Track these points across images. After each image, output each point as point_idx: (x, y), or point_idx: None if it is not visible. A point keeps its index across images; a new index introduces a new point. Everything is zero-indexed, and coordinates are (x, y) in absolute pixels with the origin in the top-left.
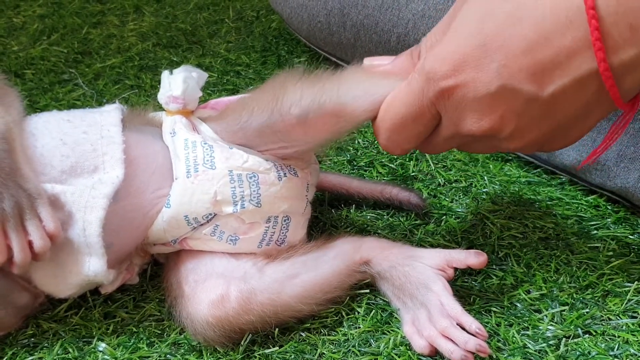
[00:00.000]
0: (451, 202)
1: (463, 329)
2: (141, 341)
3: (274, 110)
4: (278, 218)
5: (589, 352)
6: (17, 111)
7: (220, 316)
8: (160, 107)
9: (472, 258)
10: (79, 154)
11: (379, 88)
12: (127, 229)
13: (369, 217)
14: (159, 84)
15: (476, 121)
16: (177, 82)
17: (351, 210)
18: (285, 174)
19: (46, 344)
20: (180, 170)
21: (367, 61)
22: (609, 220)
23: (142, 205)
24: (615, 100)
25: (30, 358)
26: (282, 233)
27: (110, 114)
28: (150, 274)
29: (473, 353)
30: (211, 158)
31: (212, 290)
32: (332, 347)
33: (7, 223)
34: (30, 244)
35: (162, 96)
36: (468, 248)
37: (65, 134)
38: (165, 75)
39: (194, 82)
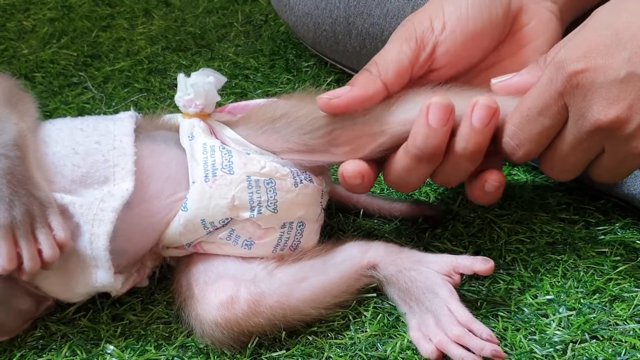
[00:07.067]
0: (458, 206)
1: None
2: (149, 344)
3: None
4: (293, 224)
5: (596, 357)
6: (32, 118)
7: (230, 318)
8: (172, 109)
9: (478, 264)
10: (90, 164)
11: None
12: (142, 235)
13: (376, 221)
14: (168, 87)
15: (603, 109)
16: (197, 87)
17: (359, 215)
18: (301, 180)
19: (54, 346)
20: (198, 174)
21: (495, 80)
22: (616, 225)
23: (157, 212)
24: None
25: None
26: (296, 239)
27: (124, 122)
28: (158, 277)
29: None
30: (230, 163)
31: (221, 292)
32: (338, 350)
33: (17, 231)
34: (39, 252)
35: (179, 99)
36: (475, 252)
37: (77, 143)
38: (181, 78)
39: (213, 86)
